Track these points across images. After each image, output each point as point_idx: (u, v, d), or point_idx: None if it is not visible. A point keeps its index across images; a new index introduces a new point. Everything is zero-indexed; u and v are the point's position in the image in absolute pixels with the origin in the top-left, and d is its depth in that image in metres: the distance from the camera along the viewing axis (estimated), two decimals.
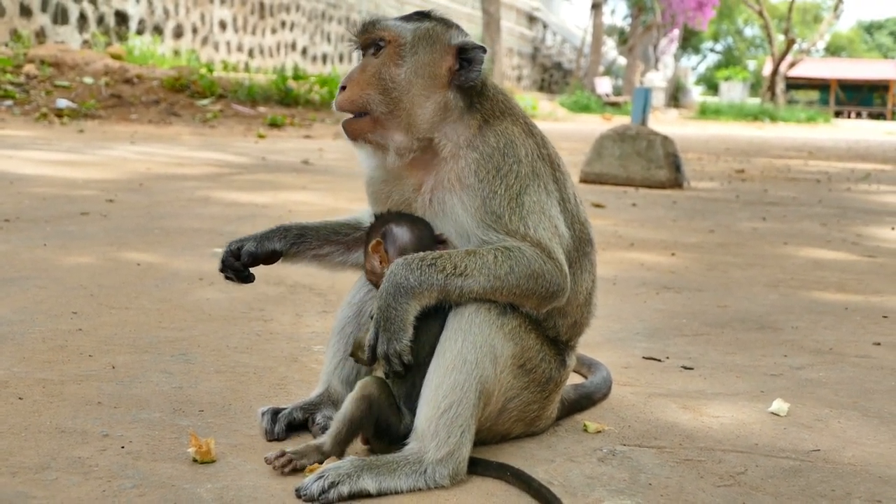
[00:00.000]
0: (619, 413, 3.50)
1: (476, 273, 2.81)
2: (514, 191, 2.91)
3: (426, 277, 2.78)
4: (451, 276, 2.79)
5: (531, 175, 2.96)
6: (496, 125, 2.99)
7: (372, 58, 2.99)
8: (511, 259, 2.83)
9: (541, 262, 2.85)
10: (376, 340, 2.80)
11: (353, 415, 2.86)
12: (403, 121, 2.95)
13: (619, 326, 4.85)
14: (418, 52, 2.97)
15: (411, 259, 2.82)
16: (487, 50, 3.02)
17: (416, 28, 3.00)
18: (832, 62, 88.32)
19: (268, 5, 35.44)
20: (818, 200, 12.07)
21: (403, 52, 2.97)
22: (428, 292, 2.79)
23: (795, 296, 5.81)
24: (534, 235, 2.88)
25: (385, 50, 2.97)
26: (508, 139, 2.97)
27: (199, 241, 6.71)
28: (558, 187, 3.07)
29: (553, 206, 3.00)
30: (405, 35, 2.98)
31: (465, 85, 2.99)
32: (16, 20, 23.87)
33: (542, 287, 2.86)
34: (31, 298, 4.82)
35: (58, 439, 2.97)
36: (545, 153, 3.07)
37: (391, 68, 2.96)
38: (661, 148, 13.08)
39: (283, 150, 16.04)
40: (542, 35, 65.13)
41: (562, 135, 26.37)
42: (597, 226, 8.51)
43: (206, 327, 4.45)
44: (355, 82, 2.97)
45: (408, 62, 2.96)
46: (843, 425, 3.44)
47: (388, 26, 2.99)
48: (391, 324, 2.77)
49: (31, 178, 9.91)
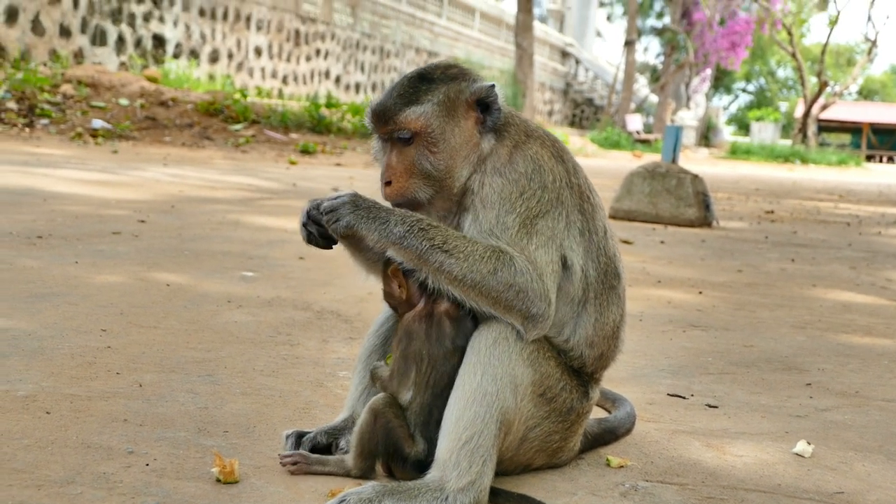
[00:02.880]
0: (643, 449, 3.49)
1: (461, 258, 2.80)
2: (532, 213, 2.91)
3: (411, 237, 2.82)
4: (436, 248, 2.80)
5: (554, 201, 2.96)
6: (526, 149, 3.00)
7: (402, 146, 2.97)
8: (499, 261, 2.81)
9: (527, 278, 2.82)
10: (344, 197, 2.88)
11: (362, 428, 2.91)
12: (448, 191, 2.97)
13: (644, 362, 4.85)
14: (446, 129, 2.96)
15: (411, 216, 2.85)
16: (496, 85, 3.02)
17: (436, 105, 2.96)
18: (865, 106, 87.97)
19: (303, 33, 35.68)
20: (848, 244, 12.02)
21: (435, 137, 2.95)
22: (405, 251, 2.83)
23: (823, 338, 5.79)
24: (532, 253, 2.87)
25: (416, 140, 2.95)
26: (537, 164, 2.97)
27: (229, 264, 6.75)
28: (584, 218, 3.05)
29: (568, 237, 2.99)
30: (431, 121, 2.95)
31: (493, 128, 3.01)
32: (55, 40, 24.13)
33: (522, 303, 2.83)
34: (61, 315, 4.86)
35: (83, 454, 2.99)
36: (574, 182, 3.06)
37: (430, 157, 2.94)
38: (691, 186, 13.08)
39: (314, 176, 16.12)
40: (574, 71, 65.28)
41: (592, 171, 26.31)
42: (625, 262, 8.48)
43: (233, 349, 4.47)
44: (399, 175, 2.96)
45: (443, 145, 2.95)
46: (868, 468, 3.43)
47: (411, 118, 2.94)
48: (367, 211, 2.86)
49: (64, 196, 9.99)
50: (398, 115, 2.95)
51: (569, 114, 65.06)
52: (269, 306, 5.49)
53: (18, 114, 18.85)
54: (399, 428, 2.90)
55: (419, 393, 2.89)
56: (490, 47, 52.18)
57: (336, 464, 2.97)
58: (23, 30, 23.15)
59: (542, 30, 58.74)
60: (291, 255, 7.37)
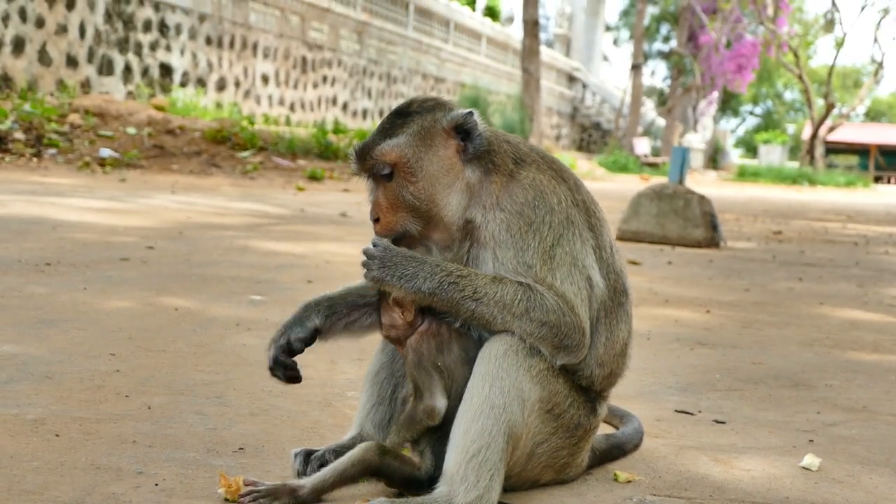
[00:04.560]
0: (650, 464, 3.50)
1: (492, 305, 2.84)
2: (548, 243, 2.93)
3: (441, 291, 2.85)
4: (468, 298, 2.84)
5: (565, 223, 2.97)
6: (521, 178, 3.01)
7: (385, 181, 3.01)
8: (530, 301, 2.84)
9: (559, 314, 2.86)
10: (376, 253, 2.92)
11: (347, 472, 2.88)
12: (439, 221, 3.00)
13: (652, 380, 4.86)
14: (424, 158, 2.99)
15: (441, 268, 2.88)
16: (474, 112, 3.03)
17: (411, 136, 3.00)
18: (872, 127, 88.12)
19: (310, 60, 35.83)
20: (855, 263, 12.02)
21: (412, 167, 2.98)
22: (437, 302, 2.87)
23: (830, 355, 5.79)
24: (559, 288, 2.89)
25: (396, 173, 2.99)
26: (538, 190, 2.99)
27: (237, 289, 6.77)
28: (594, 234, 3.08)
29: (588, 255, 3.01)
30: (406, 152, 2.98)
31: (475, 154, 3.02)
32: (62, 70, 24.26)
33: (556, 338, 2.87)
34: (70, 340, 4.88)
35: (93, 475, 3.01)
36: (579, 199, 3.09)
37: (410, 188, 2.98)
38: (698, 207, 13.09)
39: (322, 202, 16.16)
40: (581, 95, 65.41)
41: (600, 194, 26.27)
42: (632, 282, 8.49)
43: (241, 371, 4.49)
44: (385, 211, 3.01)
45: (421, 174, 2.98)
46: (875, 481, 3.43)
47: (386, 151, 2.99)
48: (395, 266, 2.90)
49: (72, 224, 10.03)
50: (374, 150, 3.01)
51: (576, 138, 65.15)
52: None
53: (26, 144, 18.93)
54: (402, 464, 2.91)
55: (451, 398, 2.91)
56: (497, 72, 52.34)
57: (287, 496, 2.86)
58: (30, 60, 23.28)
59: (549, 54, 58.87)
60: (300, 279, 7.39)
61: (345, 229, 11.80)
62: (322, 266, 8.24)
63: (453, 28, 47.61)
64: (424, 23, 44.85)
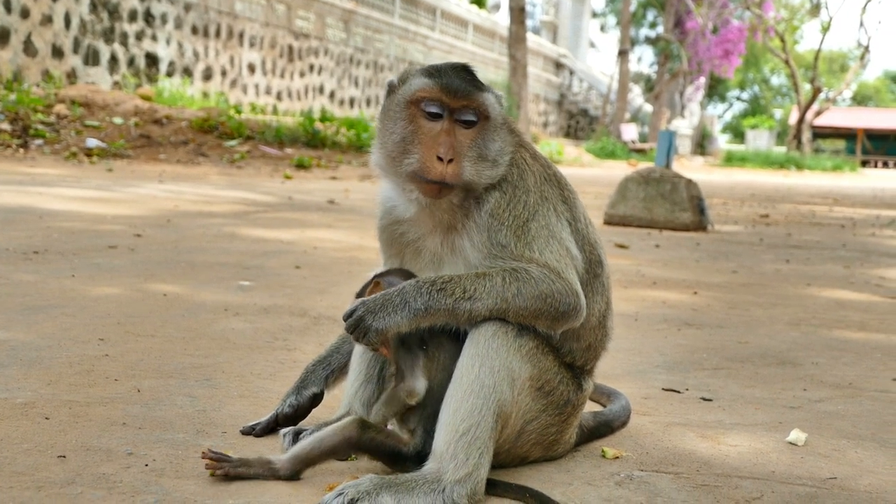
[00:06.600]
0: (638, 440, 3.52)
1: (485, 296, 2.83)
2: (522, 219, 2.94)
3: (434, 302, 2.82)
4: (460, 300, 2.83)
5: (540, 201, 3.00)
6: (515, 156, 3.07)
7: (461, 128, 2.94)
8: (518, 280, 2.85)
9: (549, 282, 2.87)
10: (357, 309, 2.86)
11: (326, 444, 2.90)
12: (477, 188, 2.97)
13: (639, 360, 4.88)
14: (499, 124, 3.02)
15: (423, 282, 2.85)
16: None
17: (496, 101, 3.02)
18: (859, 111, 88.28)
19: (296, 49, 35.78)
20: (842, 244, 12.07)
21: (496, 125, 2.99)
22: (434, 315, 2.84)
23: (816, 334, 5.82)
24: (539, 258, 2.90)
25: (480, 124, 2.96)
26: (520, 169, 3.02)
27: (226, 274, 6.78)
28: (568, 207, 3.10)
29: (563, 228, 3.03)
30: (496, 111, 3.00)
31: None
32: (48, 61, 24.19)
33: (551, 307, 2.87)
34: (58, 326, 4.88)
35: (83, 456, 3.02)
36: (551, 173, 3.12)
37: (490, 144, 2.97)
38: (685, 191, 13.12)
39: (310, 190, 16.15)
40: (568, 81, 65.41)
41: (587, 180, 26.47)
42: (620, 265, 8.61)
43: (230, 355, 4.50)
44: (462, 156, 2.91)
45: (499, 136, 3.00)
46: (861, 455, 3.46)
47: (487, 101, 2.96)
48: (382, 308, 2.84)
49: (59, 213, 10.02)
50: (475, 96, 2.95)
51: (564, 125, 65.16)
52: (266, 313, 5.52)
53: (12, 135, 18.89)
54: (386, 438, 2.93)
55: (432, 378, 2.92)
56: (484, 59, 52.29)
57: (260, 464, 2.91)
58: (15, 51, 23.21)
59: (536, 41, 58.90)
60: (288, 265, 7.40)
61: (332, 216, 11.81)
62: (310, 252, 8.25)
63: (440, 15, 47.58)
64: (411, 10, 44.82)
